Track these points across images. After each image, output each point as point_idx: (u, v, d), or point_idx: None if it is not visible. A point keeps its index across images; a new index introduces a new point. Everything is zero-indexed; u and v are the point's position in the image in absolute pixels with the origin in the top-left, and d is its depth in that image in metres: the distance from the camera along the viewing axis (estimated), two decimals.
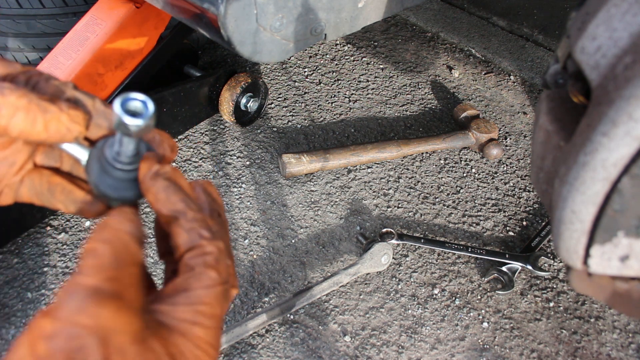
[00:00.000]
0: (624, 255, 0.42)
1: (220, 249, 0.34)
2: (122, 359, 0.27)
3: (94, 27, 1.29)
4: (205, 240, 0.34)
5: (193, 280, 0.33)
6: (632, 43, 0.39)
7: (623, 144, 0.37)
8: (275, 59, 0.98)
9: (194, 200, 0.36)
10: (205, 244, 0.34)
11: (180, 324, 0.31)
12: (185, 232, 0.35)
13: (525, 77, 1.85)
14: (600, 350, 1.15)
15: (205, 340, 0.32)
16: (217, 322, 0.33)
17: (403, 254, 1.32)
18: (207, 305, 0.32)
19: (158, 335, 0.30)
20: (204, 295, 0.32)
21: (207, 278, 0.33)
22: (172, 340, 0.30)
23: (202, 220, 0.35)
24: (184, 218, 0.35)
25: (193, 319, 0.32)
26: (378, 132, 1.65)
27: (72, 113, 0.35)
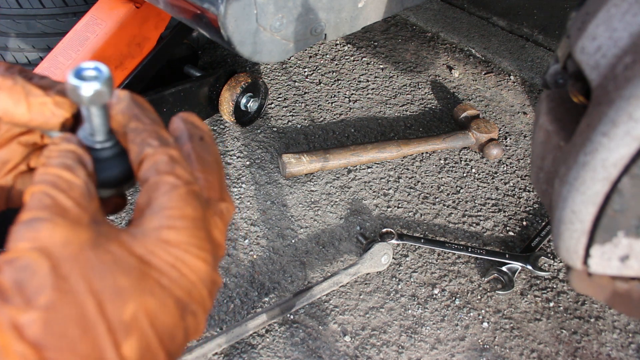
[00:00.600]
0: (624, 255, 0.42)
1: (172, 155, 0.31)
2: (73, 265, 0.26)
3: (94, 27, 1.29)
4: (152, 148, 0.32)
5: (150, 192, 0.31)
6: (632, 43, 0.39)
7: (623, 144, 0.37)
8: (275, 59, 0.98)
9: (151, 113, 0.35)
10: (151, 151, 0.31)
11: (147, 232, 0.29)
12: (135, 146, 0.32)
13: (525, 77, 1.85)
14: (600, 350, 1.15)
15: (181, 240, 0.29)
16: (192, 222, 0.30)
17: (403, 254, 1.32)
18: (172, 209, 0.30)
19: (118, 241, 0.28)
20: (165, 200, 0.30)
21: (163, 184, 0.30)
22: (138, 242, 0.28)
23: (152, 132, 0.33)
24: (134, 132, 0.33)
25: (159, 224, 0.29)
26: (378, 132, 1.65)
27: (58, 99, 0.34)
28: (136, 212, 0.31)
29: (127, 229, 0.30)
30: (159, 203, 0.30)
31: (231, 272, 1.27)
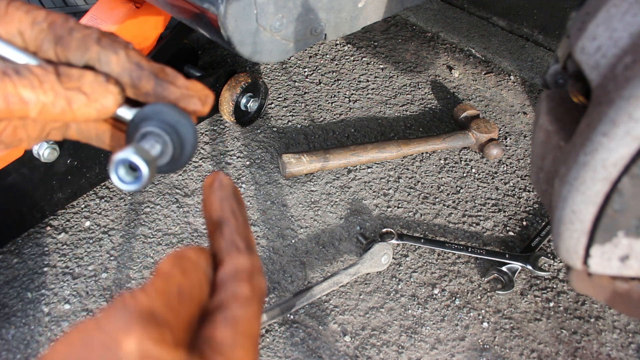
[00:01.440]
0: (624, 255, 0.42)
1: (254, 265, 0.31)
2: None
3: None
4: (238, 252, 0.31)
5: (227, 297, 0.30)
6: (632, 43, 0.39)
7: (623, 144, 0.37)
8: (275, 59, 0.98)
9: (244, 210, 0.34)
10: (236, 256, 0.31)
11: (222, 347, 0.28)
12: (223, 241, 0.32)
13: (525, 77, 1.85)
14: (600, 350, 1.15)
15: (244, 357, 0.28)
16: (256, 342, 0.30)
17: (403, 254, 1.32)
18: (245, 324, 0.29)
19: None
20: (241, 313, 0.29)
21: (242, 294, 0.30)
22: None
23: (242, 233, 0.32)
24: (227, 228, 0.32)
25: (233, 340, 0.28)
26: (378, 132, 1.65)
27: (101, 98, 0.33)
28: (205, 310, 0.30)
29: (201, 337, 0.28)
30: (233, 314, 0.29)
31: None
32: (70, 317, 1.18)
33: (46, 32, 0.33)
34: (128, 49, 0.34)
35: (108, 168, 0.31)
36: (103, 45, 0.34)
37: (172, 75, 0.35)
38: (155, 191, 1.45)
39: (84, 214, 1.38)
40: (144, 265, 1.28)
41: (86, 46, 0.33)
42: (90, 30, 0.34)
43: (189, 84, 0.35)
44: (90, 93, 0.32)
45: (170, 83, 0.35)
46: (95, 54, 0.33)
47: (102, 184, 1.44)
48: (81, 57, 0.34)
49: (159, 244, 1.32)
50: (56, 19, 0.33)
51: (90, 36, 0.34)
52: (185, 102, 0.35)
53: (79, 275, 1.25)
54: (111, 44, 0.34)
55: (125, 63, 0.34)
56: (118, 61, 0.34)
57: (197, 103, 0.35)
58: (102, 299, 1.21)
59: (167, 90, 0.34)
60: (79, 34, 0.33)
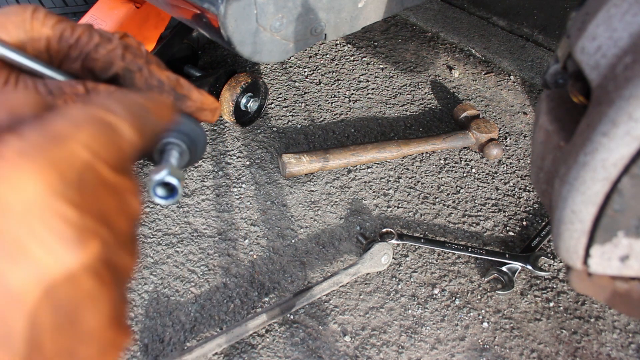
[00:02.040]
0: (624, 255, 0.42)
1: None
2: None
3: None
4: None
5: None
6: (632, 43, 0.39)
7: (623, 144, 0.37)
8: (275, 59, 0.98)
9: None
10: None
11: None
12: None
13: (525, 77, 1.85)
14: (600, 350, 1.15)
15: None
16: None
17: (403, 254, 1.32)
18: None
19: None
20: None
21: None
22: None
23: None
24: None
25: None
26: (378, 132, 1.65)
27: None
28: None
29: None
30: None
31: (231, 272, 1.27)
32: None
33: (74, 48, 0.34)
34: (150, 64, 0.36)
35: (147, 188, 0.34)
36: (127, 61, 0.35)
37: (187, 88, 0.37)
38: None
39: None
40: (144, 265, 1.28)
41: (111, 63, 0.35)
42: (114, 45, 0.35)
43: (202, 98, 0.38)
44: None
45: (187, 98, 0.37)
46: (121, 71, 0.35)
47: None
48: (106, 73, 0.35)
49: (159, 244, 1.32)
50: (82, 34, 0.35)
51: (115, 52, 0.35)
52: (199, 114, 0.38)
53: None
54: (134, 60, 0.36)
55: (147, 80, 0.36)
56: (141, 78, 0.36)
57: (209, 115, 0.39)
58: None
59: (184, 105, 0.37)
60: (104, 50, 0.35)
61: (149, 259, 1.29)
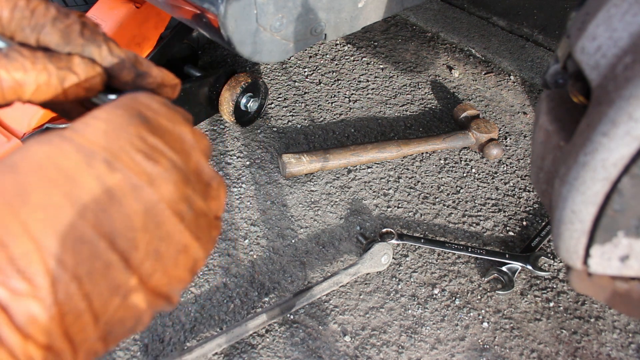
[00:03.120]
0: (624, 255, 0.42)
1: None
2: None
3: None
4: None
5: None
6: (632, 43, 0.39)
7: (623, 144, 0.37)
8: (275, 59, 0.98)
9: None
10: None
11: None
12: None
13: (525, 77, 1.85)
14: (600, 350, 1.15)
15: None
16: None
17: (403, 254, 1.32)
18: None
19: None
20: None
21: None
22: None
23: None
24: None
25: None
26: (378, 132, 1.65)
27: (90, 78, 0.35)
28: None
29: None
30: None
31: (231, 272, 1.27)
32: None
33: (28, 19, 0.34)
34: (109, 42, 0.36)
35: None
36: (86, 37, 0.35)
37: (146, 65, 0.38)
38: None
39: None
40: None
41: (69, 38, 0.34)
42: (72, 21, 0.35)
43: (162, 74, 0.39)
44: (80, 73, 0.34)
45: (148, 74, 0.38)
46: (79, 47, 0.35)
47: None
48: (63, 48, 0.34)
49: None
50: (38, 5, 0.34)
51: (72, 27, 0.35)
52: (160, 90, 0.39)
53: None
54: (92, 36, 0.35)
55: (107, 56, 0.36)
56: (101, 54, 0.35)
57: (169, 91, 0.40)
58: None
59: (145, 81, 0.38)
60: (62, 24, 0.34)
61: None
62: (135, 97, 0.32)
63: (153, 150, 0.29)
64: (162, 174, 0.29)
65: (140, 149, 0.28)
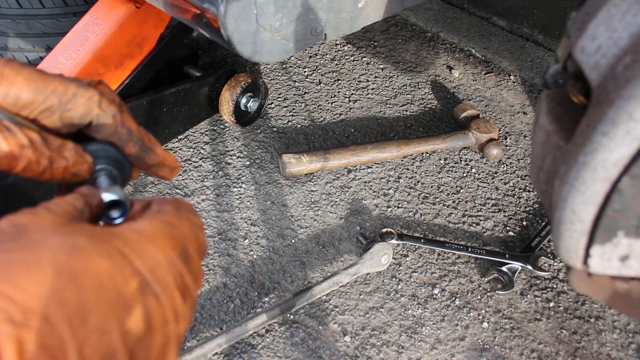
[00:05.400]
0: (624, 255, 0.42)
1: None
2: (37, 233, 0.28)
3: (94, 27, 1.29)
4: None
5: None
6: (632, 43, 0.39)
7: (623, 144, 0.37)
8: (275, 59, 0.98)
9: None
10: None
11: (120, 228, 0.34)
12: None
13: (525, 77, 1.85)
14: (600, 350, 1.15)
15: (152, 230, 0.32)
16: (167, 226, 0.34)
17: (403, 254, 1.32)
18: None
19: (89, 225, 0.31)
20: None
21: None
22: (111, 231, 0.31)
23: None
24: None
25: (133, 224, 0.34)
26: (378, 132, 1.65)
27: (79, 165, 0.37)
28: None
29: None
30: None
31: (231, 272, 1.27)
32: None
33: (50, 99, 0.36)
34: (122, 113, 0.39)
35: (103, 211, 0.37)
36: (103, 108, 0.38)
37: (153, 142, 0.41)
38: (155, 191, 1.45)
39: None
40: None
41: (90, 109, 0.38)
42: (91, 93, 0.38)
43: (165, 154, 0.42)
44: (69, 158, 0.37)
45: (152, 151, 0.41)
46: (95, 117, 0.38)
47: None
48: (83, 121, 0.38)
49: None
50: (58, 86, 0.36)
51: (92, 99, 0.38)
52: (158, 168, 0.42)
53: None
54: (109, 106, 0.39)
55: (118, 126, 0.39)
56: (113, 124, 0.39)
57: (167, 172, 0.43)
58: None
59: (147, 157, 0.41)
60: (83, 98, 0.37)
61: None
62: (180, 223, 0.34)
63: (186, 289, 0.32)
64: (186, 312, 0.32)
65: (179, 287, 0.32)
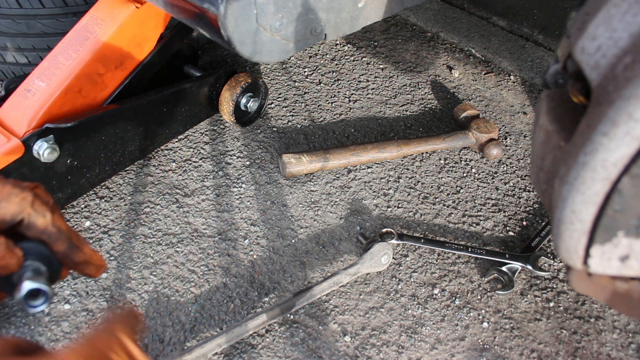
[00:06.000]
0: (624, 255, 0.42)
1: None
2: None
3: (94, 27, 1.29)
4: None
5: None
6: (632, 43, 0.39)
7: (623, 144, 0.37)
8: (275, 59, 0.98)
9: None
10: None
11: None
12: None
13: (525, 77, 1.85)
14: (600, 350, 1.15)
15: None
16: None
17: (403, 254, 1.32)
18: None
19: None
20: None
21: None
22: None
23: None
24: None
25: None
26: (378, 132, 1.65)
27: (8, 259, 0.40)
28: None
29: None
30: None
31: (231, 272, 1.27)
32: (70, 317, 1.18)
33: None
34: (54, 214, 0.43)
35: (21, 300, 0.40)
36: (35, 208, 0.42)
37: (81, 241, 0.45)
38: (155, 191, 1.45)
39: (83, 214, 1.38)
40: (144, 265, 1.28)
41: (22, 208, 0.42)
42: (25, 194, 0.42)
43: (92, 253, 0.46)
44: (0, 252, 0.40)
45: (79, 249, 0.45)
46: (27, 215, 0.42)
47: (102, 184, 1.44)
48: (15, 217, 0.42)
49: (159, 244, 1.32)
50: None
51: (26, 200, 0.42)
52: (85, 266, 0.45)
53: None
54: (41, 207, 0.43)
55: (48, 225, 0.43)
56: (44, 223, 0.43)
57: (93, 270, 0.46)
58: (102, 299, 1.21)
59: (74, 255, 0.44)
60: (17, 197, 0.42)
61: (149, 259, 1.29)
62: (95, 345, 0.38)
63: None
64: None
65: None
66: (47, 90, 1.23)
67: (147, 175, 1.49)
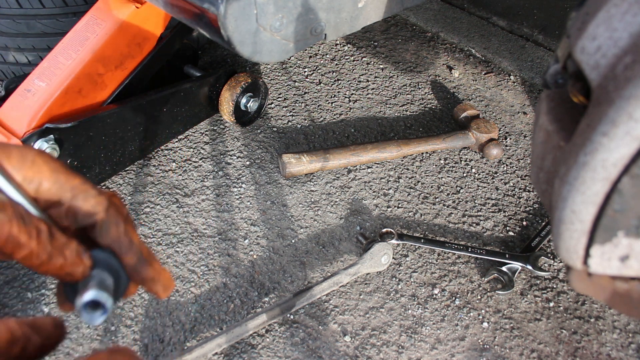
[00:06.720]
0: (624, 255, 0.42)
1: None
2: None
3: (94, 27, 1.29)
4: None
5: None
6: (632, 43, 0.39)
7: (623, 144, 0.37)
8: (275, 59, 0.98)
9: None
10: None
11: None
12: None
13: (525, 77, 1.85)
14: (600, 350, 1.15)
15: None
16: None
17: (403, 254, 1.32)
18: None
19: None
20: None
21: None
22: None
23: None
24: None
25: None
26: (378, 132, 1.65)
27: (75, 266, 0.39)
28: None
29: None
30: None
31: (231, 272, 1.27)
32: (70, 317, 1.18)
33: (66, 193, 0.39)
34: (127, 224, 0.41)
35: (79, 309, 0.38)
36: (109, 214, 0.40)
37: (152, 258, 0.43)
38: (155, 191, 1.45)
39: None
40: None
41: (96, 212, 0.40)
42: (102, 199, 0.40)
43: (162, 270, 0.43)
44: (68, 257, 0.38)
45: (149, 264, 0.42)
46: (100, 221, 0.40)
47: (102, 184, 1.44)
48: (88, 220, 0.40)
49: (159, 244, 1.32)
50: (77, 183, 0.39)
51: (101, 204, 0.40)
52: (153, 284, 0.43)
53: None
54: (115, 215, 0.41)
55: (121, 235, 0.41)
56: (117, 232, 0.41)
57: (160, 288, 0.44)
58: None
59: (144, 270, 0.42)
60: (94, 200, 0.40)
61: None
62: None
63: None
64: None
65: None
66: (47, 90, 1.23)
67: (147, 175, 1.49)
